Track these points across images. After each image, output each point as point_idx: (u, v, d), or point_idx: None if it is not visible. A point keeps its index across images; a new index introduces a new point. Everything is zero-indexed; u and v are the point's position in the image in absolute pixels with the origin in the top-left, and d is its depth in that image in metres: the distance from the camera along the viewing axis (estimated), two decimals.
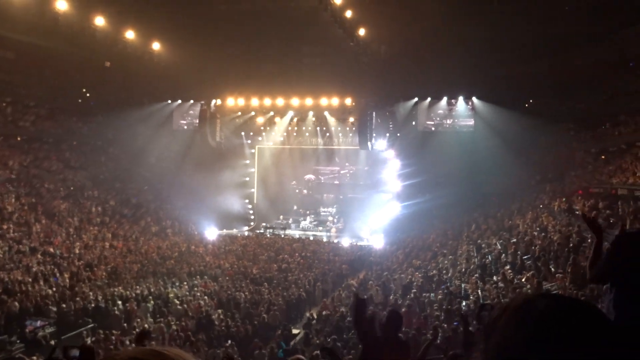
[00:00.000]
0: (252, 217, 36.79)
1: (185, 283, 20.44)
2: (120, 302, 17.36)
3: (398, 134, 33.17)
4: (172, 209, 33.17)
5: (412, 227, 29.05)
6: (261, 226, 35.45)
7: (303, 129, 36.42)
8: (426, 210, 28.85)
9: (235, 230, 34.47)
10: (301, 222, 35.95)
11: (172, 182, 34.34)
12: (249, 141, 37.40)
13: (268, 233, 33.74)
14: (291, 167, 38.00)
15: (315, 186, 38.87)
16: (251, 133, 36.93)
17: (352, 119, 33.33)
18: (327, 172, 38.86)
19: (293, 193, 38.53)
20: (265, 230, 34.54)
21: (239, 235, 33.01)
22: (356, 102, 31.57)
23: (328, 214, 36.67)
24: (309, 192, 38.80)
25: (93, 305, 16.96)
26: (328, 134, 36.00)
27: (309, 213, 36.69)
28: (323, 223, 35.76)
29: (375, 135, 31.96)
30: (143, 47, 26.10)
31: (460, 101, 32.88)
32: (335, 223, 35.55)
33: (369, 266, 24.87)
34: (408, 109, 33.29)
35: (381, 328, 5.42)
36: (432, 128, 33.85)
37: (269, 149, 38.29)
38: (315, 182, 38.92)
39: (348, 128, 34.82)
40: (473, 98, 32.39)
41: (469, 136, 32.35)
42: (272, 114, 34.87)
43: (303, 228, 35.32)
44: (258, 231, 34.44)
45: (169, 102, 35.72)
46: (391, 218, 31.70)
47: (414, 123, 33.68)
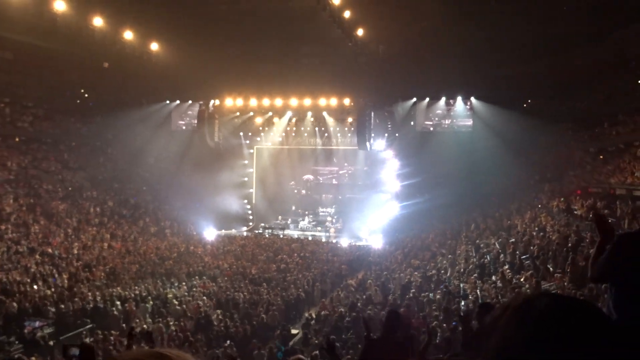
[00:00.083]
0: (251, 218, 36.79)
1: (184, 283, 20.41)
2: (118, 303, 17.33)
3: (397, 134, 33.17)
4: (171, 210, 33.15)
5: (411, 227, 29.05)
6: (260, 226, 35.44)
7: (301, 129, 36.40)
8: (425, 210, 28.83)
9: (233, 230, 34.44)
10: (300, 223, 35.91)
11: (171, 183, 34.31)
12: (248, 141, 37.40)
13: (267, 233, 33.69)
14: (290, 168, 37.98)
15: (313, 186, 38.84)
16: (250, 133, 36.92)
17: (351, 119, 33.35)
18: (326, 173, 38.84)
19: (292, 193, 38.50)
20: (263, 230, 34.51)
21: (238, 235, 32.96)
22: (355, 102, 31.59)
23: (327, 214, 36.62)
24: (308, 193, 38.78)
25: (92, 305, 16.92)
26: (326, 134, 36.00)
27: (308, 213, 36.63)
28: (322, 223, 35.70)
29: (373, 135, 31.99)
30: (141, 48, 26.07)
31: (458, 101, 32.92)
32: (334, 223, 35.51)
33: (368, 266, 24.85)
34: (406, 109, 33.32)
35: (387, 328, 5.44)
36: (431, 128, 33.88)
37: (268, 149, 38.28)
38: (313, 183, 38.89)
39: (346, 128, 34.82)
40: (471, 98, 32.44)
41: (468, 136, 32.39)
42: (271, 114, 34.88)
43: (302, 228, 35.29)
44: (257, 231, 34.40)
45: (168, 103, 35.74)
46: (390, 218, 31.71)
47: (413, 123, 33.72)
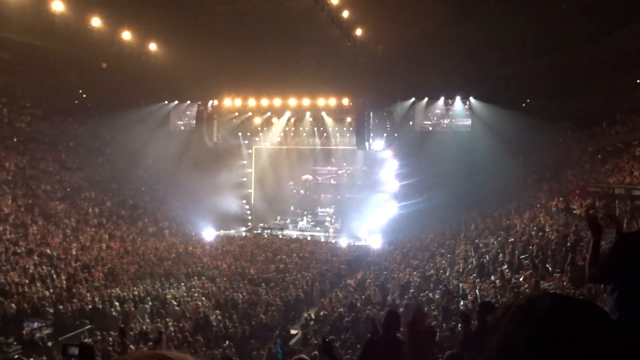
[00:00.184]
0: (250, 218, 36.80)
1: (182, 284, 20.40)
2: (117, 304, 17.32)
3: (395, 134, 33.18)
4: (170, 210, 33.13)
5: (410, 227, 29.05)
6: (259, 227, 35.43)
7: (300, 130, 36.42)
8: (424, 210, 28.86)
9: (232, 231, 34.44)
10: (299, 223, 35.91)
11: (169, 183, 34.29)
12: (246, 142, 37.41)
13: (265, 234, 33.69)
14: (288, 168, 37.97)
15: (312, 186, 38.83)
16: (248, 133, 36.92)
17: (350, 119, 33.38)
18: (325, 173, 38.82)
19: (290, 193, 38.49)
20: (262, 230, 34.49)
21: (237, 236, 32.94)
22: (353, 103, 31.61)
23: (326, 215, 36.61)
24: (307, 193, 38.76)
25: (90, 306, 16.91)
26: (325, 134, 36.02)
27: (307, 213, 36.62)
28: (321, 223, 35.70)
29: (372, 135, 32.02)
30: (139, 48, 26.01)
31: (457, 101, 32.96)
32: (332, 223, 35.49)
33: (367, 266, 24.85)
34: (405, 109, 33.35)
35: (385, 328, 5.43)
36: (430, 128, 33.91)
37: (266, 150, 38.28)
38: (312, 183, 38.88)
39: (345, 128, 34.84)
40: (470, 98, 32.48)
41: (467, 136, 32.42)
42: (270, 115, 34.89)
43: (301, 228, 35.30)
44: (255, 232, 34.39)
45: (166, 103, 35.74)
46: (389, 218, 31.72)
47: (412, 123, 33.75)
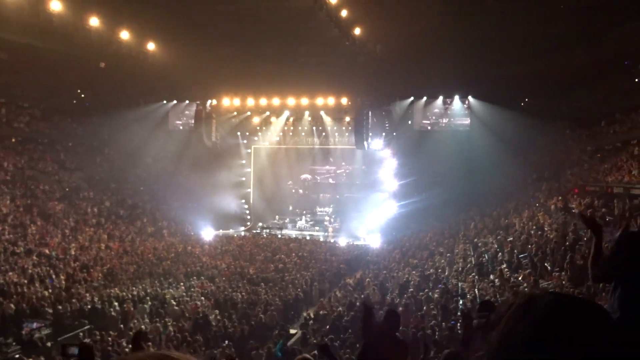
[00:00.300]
0: (249, 217, 36.76)
1: (182, 284, 20.38)
2: (116, 303, 17.30)
3: (394, 133, 33.18)
4: (168, 210, 33.09)
5: (409, 226, 29.08)
6: (258, 226, 35.42)
7: (299, 129, 36.38)
8: (423, 209, 28.87)
9: (231, 230, 34.39)
10: (298, 222, 35.89)
11: (168, 183, 34.25)
12: (245, 141, 37.35)
13: (264, 233, 33.65)
14: (287, 167, 37.92)
15: (311, 186, 38.79)
16: (247, 133, 36.85)
17: (348, 119, 33.35)
18: (324, 172, 38.79)
19: (289, 193, 38.45)
20: (261, 230, 34.46)
21: (236, 235, 32.92)
22: (352, 102, 31.58)
23: (324, 214, 36.59)
24: (305, 192, 38.73)
25: (89, 306, 16.89)
26: (324, 134, 35.98)
27: (306, 213, 36.60)
28: (320, 223, 35.68)
29: (371, 134, 32.01)
30: (138, 47, 25.98)
31: (456, 100, 32.97)
32: (331, 223, 35.48)
33: (366, 266, 24.85)
34: (404, 108, 33.36)
35: (380, 327, 5.42)
36: (428, 127, 33.92)
37: (265, 149, 38.23)
38: (311, 182, 38.84)
39: (344, 127, 34.81)
40: (469, 97, 32.49)
41: (465, 135, 32.44)
42: (268, 114, 34.83)
43: (300, 228, 35.28)
44: (254, 231, 34.36)
45: (165, 103, 35.69)
46: (388, 217, 31.72)
47: (410, 122, 33.77)
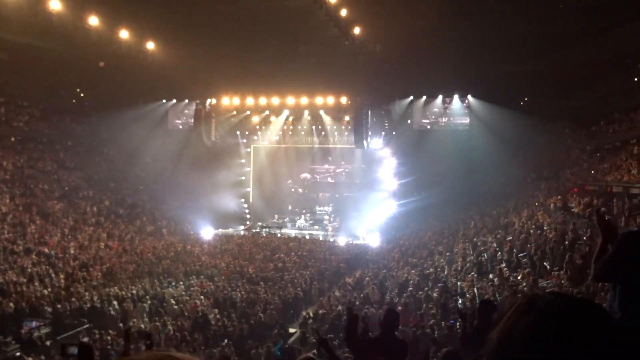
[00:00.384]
0: (248, 217, 36.76)
1: (181, 283, 20.38)
2: (115, 303, 17.29)
3: (394, 133, 33.17)
4: (168, 209, 33.09)
5: (408, 226, 29.09)
6: (257, 225, 35.41)
7: (298, 128, 36.39)
8: (422, 208, 28.89)
9: (231, 229, 34.39)
10: (297, 221, 35.89)
11: (168, 182, 34.24)
12: (245, 140, 37.34)
13: (264, 232, 33.64)
14: (287, 166, 37.92)
15: (311, 185, 38.80)
16: (246, 132, 36.84)
17: (348, 118, 33.37)
18: (323, 171, 38.80)
19: (289, 192, 38.45)
20: (261, 229, 34.44)
21: (235, 234, 32.93)
22: (352, 101, 31.60)
23: (324, 213, 36.59)
24: (305, 191, 38.74)
25: (88, 305, 16.89)
26: (323, 133, 35.98)
27: (305, 212, 36.60)
28: (319, 222, 35.70)
29: (370, 133, 31.99)
30: (137, 47, 25.97)
31: (455, 99, 32.97)
32: (331, 222, 35.50)
33: (365, 265, 24.86)
34: (403, 108, 33.36)
35: (379, 327, 5.41)
36: (428, 126, 33.91)
37: (265, 148, 38.23)
38: (310, 181, 38.85)
39: (343, 127, 34.82)
40: (468, 96, 32.49)
41: (465, 134, 32.44)
42: (268, 113, 34.84)
43: (299, 227, 35.27)
44: (254, 230, 34.37)
45: (164, 102, 35.67)
46: (387, 216, 31.73)
47: (410, 121, 33.77)
